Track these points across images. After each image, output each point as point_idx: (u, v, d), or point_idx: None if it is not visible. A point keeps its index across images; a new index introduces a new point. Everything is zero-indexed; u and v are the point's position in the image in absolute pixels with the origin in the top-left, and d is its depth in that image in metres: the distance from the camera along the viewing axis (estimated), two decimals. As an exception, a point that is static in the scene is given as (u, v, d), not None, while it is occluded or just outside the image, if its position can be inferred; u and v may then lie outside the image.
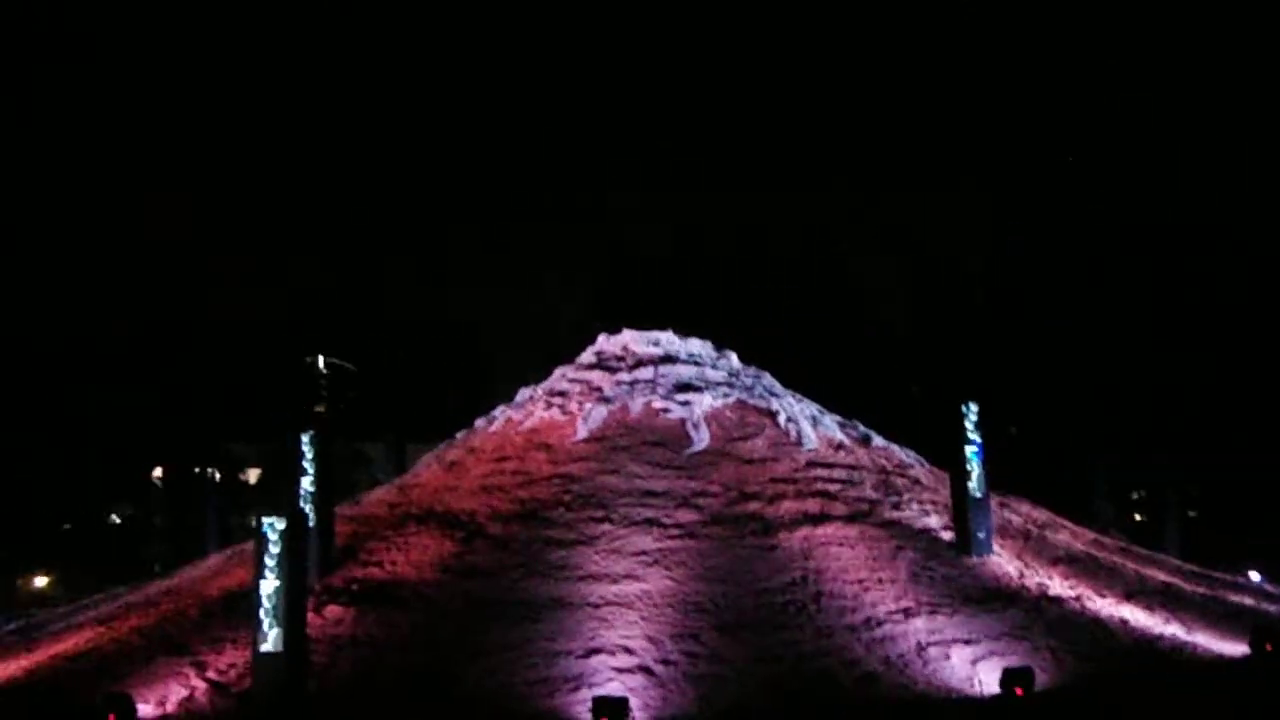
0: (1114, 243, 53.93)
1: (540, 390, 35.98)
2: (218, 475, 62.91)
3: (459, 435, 36.57)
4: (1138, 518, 57.44)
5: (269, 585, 21.15)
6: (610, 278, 66.72)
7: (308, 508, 27.66)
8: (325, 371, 73.26)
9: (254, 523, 22.02)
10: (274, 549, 21.32)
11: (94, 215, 58.25)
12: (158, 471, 65.19)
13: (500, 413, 36.00)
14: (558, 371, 37.09)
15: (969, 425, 27.97)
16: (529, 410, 34.82)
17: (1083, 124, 56.81)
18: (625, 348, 36.85)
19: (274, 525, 21.43)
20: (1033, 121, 57.72)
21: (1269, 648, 23.43)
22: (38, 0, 60.11)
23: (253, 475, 67.33)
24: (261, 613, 21.06)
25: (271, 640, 20.99)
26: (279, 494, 55.38)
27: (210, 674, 22.97)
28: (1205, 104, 54.57)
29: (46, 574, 53.77)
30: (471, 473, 32.22)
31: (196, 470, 63.64)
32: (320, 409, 69.55)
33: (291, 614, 21.08)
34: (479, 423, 36.31)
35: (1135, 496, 59.40)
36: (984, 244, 56.54)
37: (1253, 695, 21.86)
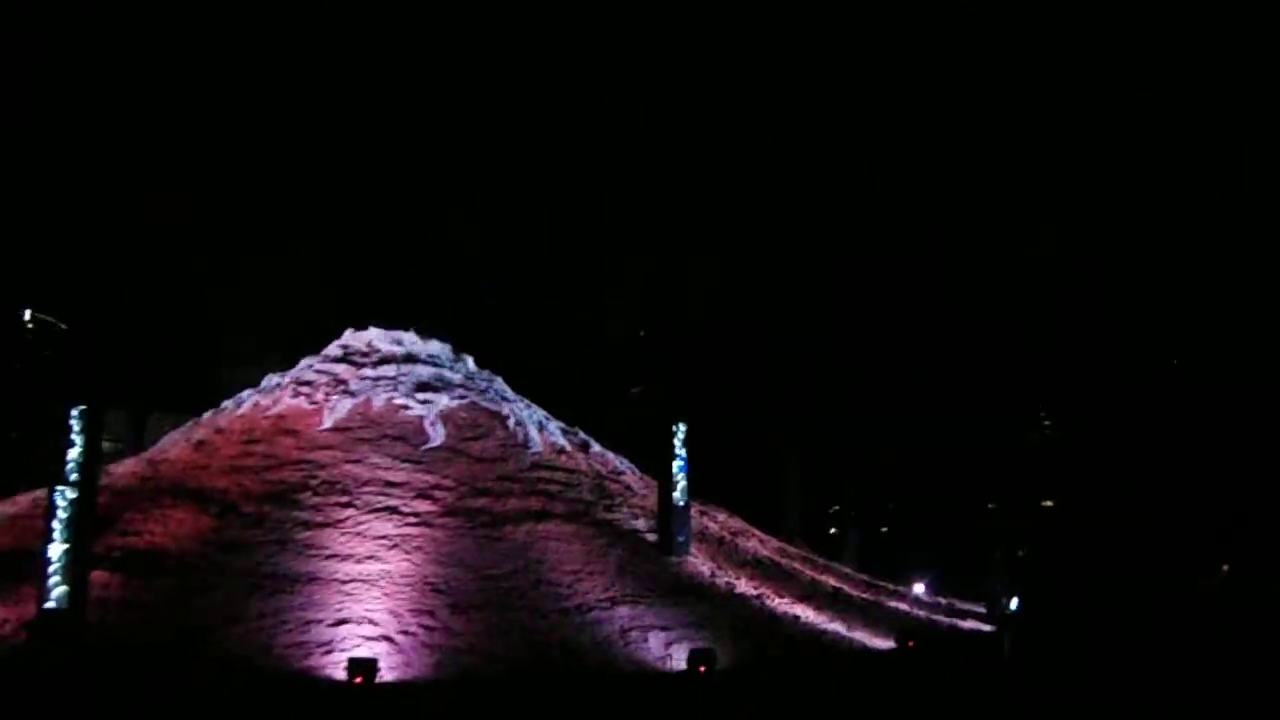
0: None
1: (288, 378, 39.75)
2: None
3: (205, 415, 39.99)
4: (832, 531, 64.97)
5: (57, 549, 24.65)
6: (349, 271, 70.29)
7: (73, 478, 31.02)
8: (31, 326, 74.21)
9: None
10: (62, 515, 24.79)
11: None
12: None
13: (248, 396, 39.63)
14: (304, 362, 40.95)
15: (677, 443, 33.21)
16: (277, 397, 38.58)
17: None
18: (370, 344, 41.00)
19: (64, 494, 24.96)
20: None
21: (910, 644, 29.51)
22: None
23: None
24: (50, 572, 24.52)
25: (57, 598, 24.49)
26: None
27: (-9, 627, 26.21)
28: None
29: None
30: (221, 452, 35.79)
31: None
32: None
33: (77, 575, 24.62)
34: (226, 404, 39.85)
35: (832, 510, 67.18)
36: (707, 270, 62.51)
37: (891, 679, 27.81)
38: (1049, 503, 75.25)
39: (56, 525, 24.82)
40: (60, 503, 24.93)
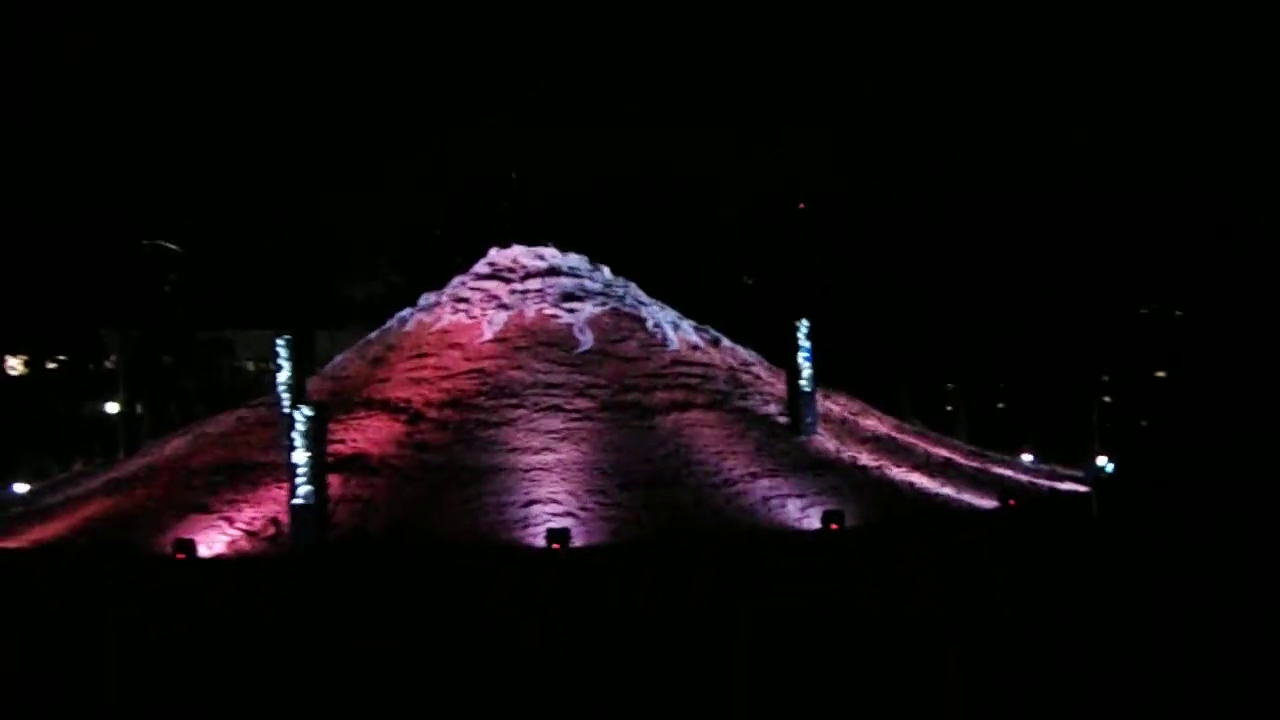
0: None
1: (445, 296, 46.56)
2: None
3: (373, 334, 47.04)
4: (949, 408, 71.24)
5: (301, 456, 31.63)
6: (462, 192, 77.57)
7: (285, 396, 38.24)
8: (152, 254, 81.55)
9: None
10: (302, 429, 31.78)
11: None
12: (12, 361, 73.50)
13: (410, 314, 46.57)
14: (457, 280, 47.70)
15: (801, 336, 39.45)
16: (437, 314, 45.43)
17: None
18: (515, 260, 47.65)
19: (303, 411, 31.97)
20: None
21: (1011, 502, 35.93)
22: None
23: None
24: (297, 477, 31.58)
25: (303, 496, 31.58)
26: (140, 380, 64.44)
27: (239, 525, 33.37)
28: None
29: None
30: (397, 367, 42.76)
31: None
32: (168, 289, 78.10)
33: (317, 477, 31.68)
34: (392, 323, 46.83)
35: (949, 388, 73.40)
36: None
37: (994, 533, 34.21)
38: (1161, 374, 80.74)
39: (298, 437, 31.71)
40: (299, 419, 31.84)
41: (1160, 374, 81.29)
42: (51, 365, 73.54)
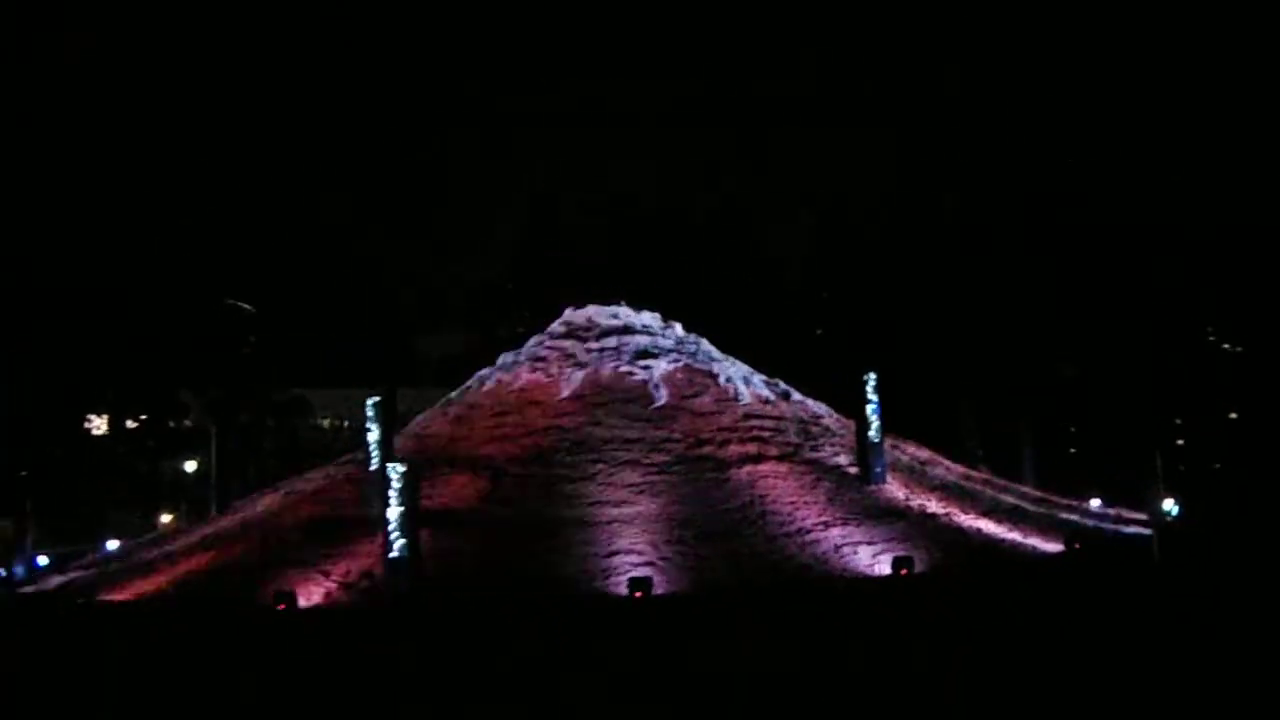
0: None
1: (523, 355, 49.10)
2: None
3: (453, 394, 49.60)
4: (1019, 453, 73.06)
5: (395, 511, 34.04)
6: (526, 245, 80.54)
7: (375, 455, 40.70)
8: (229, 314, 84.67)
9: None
10: (396, 485, 34.20)
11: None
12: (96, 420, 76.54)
13: (489, 374, 49.12)
14: (534, 339, 50.27)
15: (869, 390, 41.54)
16: (516, 373, 47.93)
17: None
18: (590, 319, 50.15)
19: (396, 469, 34.42)
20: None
21: (1077, 546, 37.79)
22: None
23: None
24: (391, 530, 33.98)
25: (398, 549, 33.96)
26: (221, 440, 67.10)
27: (335, 578, 35.71)
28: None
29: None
30: (478, 424, 45.24)
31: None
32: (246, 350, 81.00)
33: (411, 530, 34.07)
34: (472, 382, 49.40)
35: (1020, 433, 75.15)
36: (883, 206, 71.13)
37: (1060, 576, 36.09)
38: (1234, 415, 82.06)
39: (393, 493, 34.14)
40: (393, 475, 34.30)
41: (1233, 415, 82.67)
42: (132, 424, 76.36)
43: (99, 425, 77.17)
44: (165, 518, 67.76)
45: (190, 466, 73.99)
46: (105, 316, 72.03)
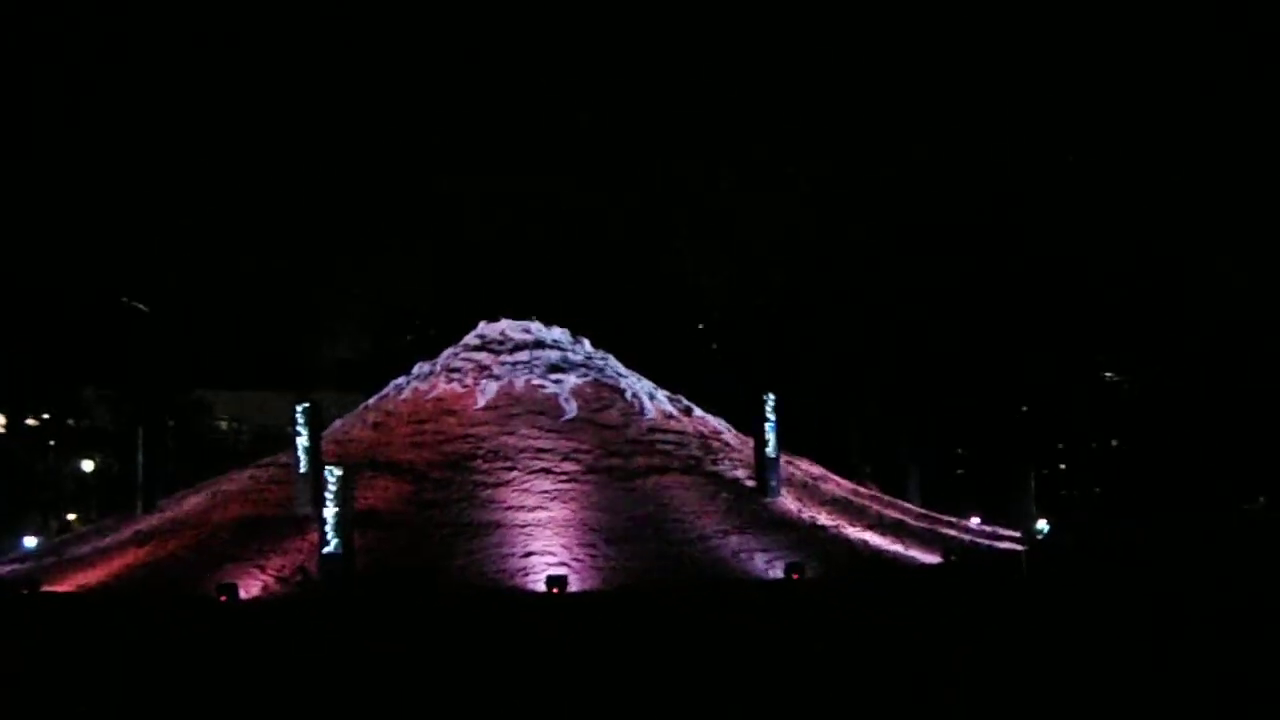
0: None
1: (438, 365, 53.43)
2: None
3: (371, 401, 53.80)
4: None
5: (330, 511, 38.29)
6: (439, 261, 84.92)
7: (303, 458, 44.82)
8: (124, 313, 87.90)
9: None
10: (333, 487, 38.49)
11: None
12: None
13: (405, 382, 53.39)
14: (448, 351, 54.61)
15: (768, 409, 46.43)
16: (433, 383, 52.25)
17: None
18: (503, 333, 54.66)
19: (333, 472, 38.69)
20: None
21: (953, 558, 43.00)
22: None
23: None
24: (327, 528, 38.24)
25: (333, 546, 38.24)
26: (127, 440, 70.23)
27: (271, 573, 39.83)
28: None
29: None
30: (397, 431, 49.48)
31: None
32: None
33: (345, 529, 38.35)
34: (389, 390, 53.60)
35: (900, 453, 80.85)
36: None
37: (937, 585, 41.22)
38: (1115, 442, 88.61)
39: (329, 494, 38.40)
40: (330, 478, 38.57)
41: (1114, 443, 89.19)
42: (32, 423, 79.19)
43: (-3, 423, 79.56)
44: (70, 516, 71.12)
45: (88, 466, 77.10)
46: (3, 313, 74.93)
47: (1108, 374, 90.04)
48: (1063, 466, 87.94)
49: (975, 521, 55.29)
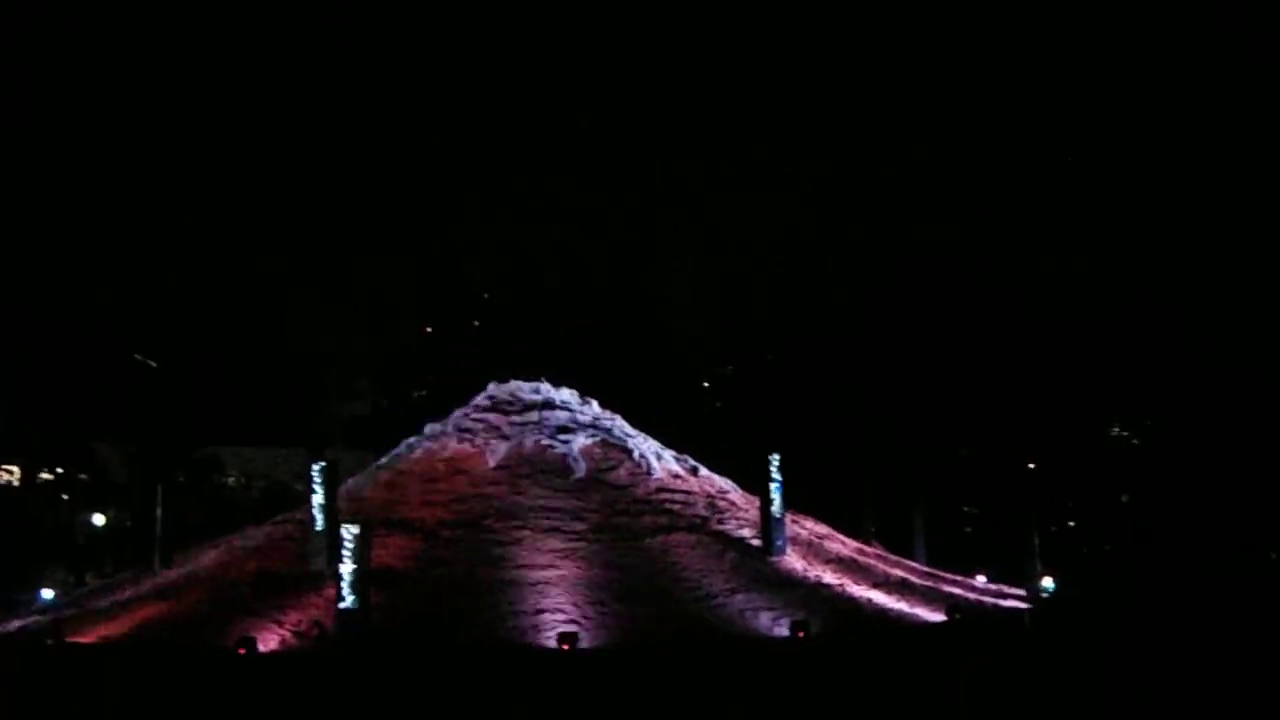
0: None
1: (450, 425, 55.06)
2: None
3: (383, 460, 55.42)
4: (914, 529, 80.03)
5: (348, 568, 39.84)
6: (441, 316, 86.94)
7: (319, 516, 46.34)
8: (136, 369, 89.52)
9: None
10: (350, 544, 40.05)
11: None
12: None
13: (417, 442, 55.01)
14: (458, 411, 56.25)
15: (773, 469, 47.97)
16: (444, 442, 53.87)
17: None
18: (514, 394, 56.30)
19: (350, 529, 40.25)
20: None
21: (956, 616, 44.44)
22: None
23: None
24: (344, 585, 39.76)
25: (350, 602, 39.77)
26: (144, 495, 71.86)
27: (288, 627, 41.27)
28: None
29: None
30: (410, 490, 51.01)
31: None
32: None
33: (362, 586, 39.88)
34: (400, 449, 55.23)
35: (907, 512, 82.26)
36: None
37: (941, 642, 42.65)
38: (1125, 499, 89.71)
39: (346, 551, 39.96)
40: (347, 535, 40.14)
41: (1124, 498, 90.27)
42: (46, 476, 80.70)
43: (9, 476, 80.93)
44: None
45: (99, 520, 78.46)
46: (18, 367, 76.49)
47: (1115, 429, 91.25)
48: (1071, 524, 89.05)
49: (981, 579, 56.61)
